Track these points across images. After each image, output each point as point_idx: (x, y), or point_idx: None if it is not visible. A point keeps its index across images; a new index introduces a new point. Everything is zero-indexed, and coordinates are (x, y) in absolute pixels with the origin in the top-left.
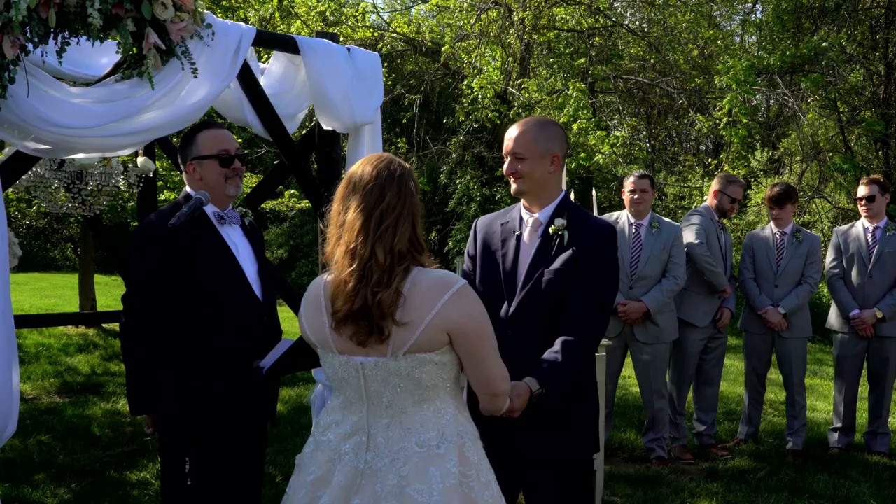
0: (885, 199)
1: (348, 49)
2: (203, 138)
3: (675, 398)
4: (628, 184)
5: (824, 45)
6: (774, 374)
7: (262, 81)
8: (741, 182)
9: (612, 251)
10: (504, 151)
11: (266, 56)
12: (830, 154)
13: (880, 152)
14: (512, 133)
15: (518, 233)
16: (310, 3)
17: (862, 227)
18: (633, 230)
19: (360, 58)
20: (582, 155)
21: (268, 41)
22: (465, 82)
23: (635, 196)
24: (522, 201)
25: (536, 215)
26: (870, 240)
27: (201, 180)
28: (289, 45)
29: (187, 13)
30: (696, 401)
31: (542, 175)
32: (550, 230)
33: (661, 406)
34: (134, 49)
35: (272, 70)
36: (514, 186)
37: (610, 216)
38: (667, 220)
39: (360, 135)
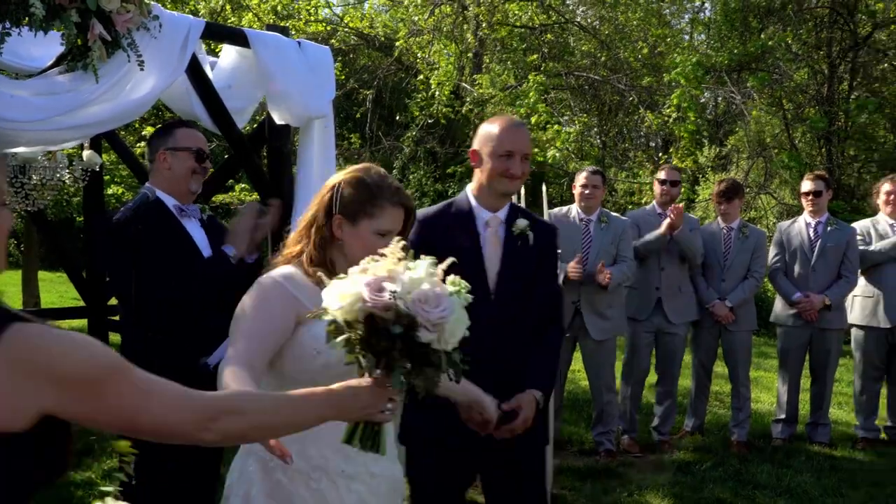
0: (829, 194)
1: (299, 43)
2: (182, 133)
3: (630, 392)
4: (580, 179)
5: (770, 43)
6: (719, 367)
7: (212, 74)
8: (669, 166)
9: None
10: (511, 149)
11: (219, 49)
12: (776, 151)
13: (823, 149)
14: (520, 132)
15: (478, 232)
16: None
17: (804, 222)
18: (583, 225)
19: (312, 52)
20: (535, 150)
21: (217, 34)
22: (421, 77)
23: (587, 191)
24: (472, 199)
25: (499, 214)
26: (812, 234)
27: (170, 170)
28: (239, 38)
29: (133, 4)
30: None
31: None
32: (515, 231)
33: (609, 399)
34: (78, 40)
35: (222, 63)
36: (511, 186)
37: (560, 210)
38: (615, 214)
39: (311, 129)
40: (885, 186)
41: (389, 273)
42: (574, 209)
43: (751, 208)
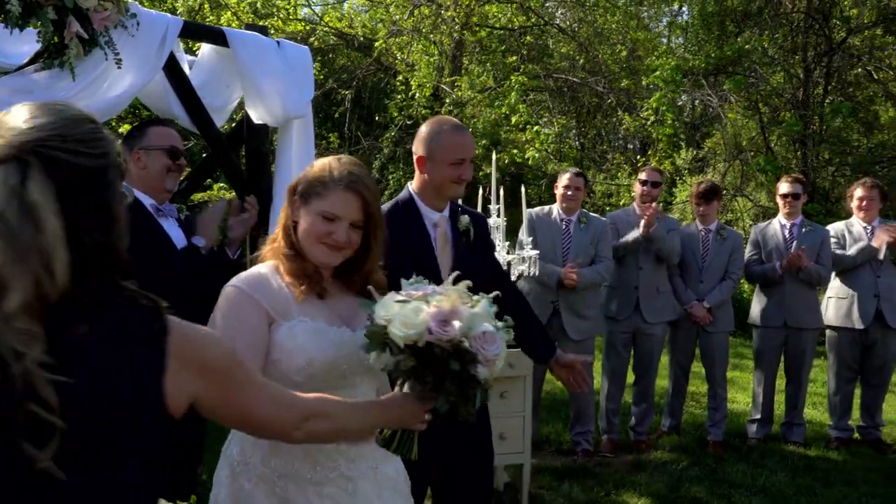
0: (805, 198)
1: (278, 42)
2: (155, 132)
3: (608, 393)
4: (563, 180)
5: (747, 47)
6: (696, 367)
7: (191, 73)
8: (650, 168)
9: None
10: (464, 156)
11: (197, 47)
12: (752, 154)
13: (799, 153)
14: (469, 139)
15: (428, 233)
16: None
17: (779, 223)
18: (564, 225)
19: (291, 51)
20: (514, 151)
21: (195, 32)
22: (400, 78)
23: (569, 193)
24: (418, 200)
25: (444, 214)
26: (787, 235)
27: (145, 169)
28: (217, 37)
29: (111, 2)
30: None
31: None
32: (461, 228)
33: (587, 399)
34: (55, 38)
35: (201, 62)
36: (461, 191)
37: (542, 210)
38: (594, 215)
39: (290, 129)
40: (858, 192)
41: (453, 307)
42: (555, 209)
43: (727, 210)
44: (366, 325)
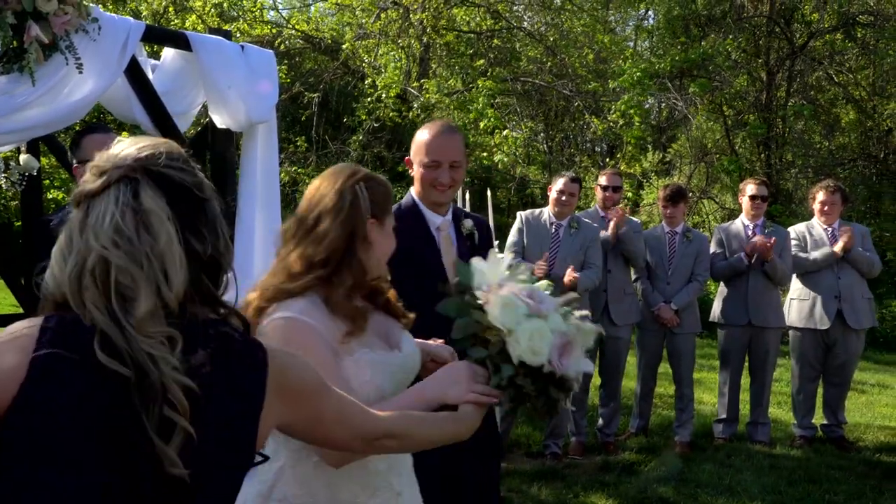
0: (768, 200)
1: (242, 46)
2: (88, 142)
3: (577, 395)
4: (558, 185)
5: (711, 51)
6: (664, 368)
7: (153, 77)
8: (611, 172)
9: None
10: (438, 159)
11: (161, 51)
12: (717, 156)
13: (762, 154)
14: (448, 140)
15: (432, 236)
16: None
17: (742, 224)
18: (553, 229)
19: (255, 55)
20: (483, 155)
21: (158, 37)
22: (368, 81)
23: (563, 198)
24: (420, 204)
25: (447, 217)
26: (750, 235)
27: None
28: (180, 41)
29: (71, 6)
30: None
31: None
32: (464, 232)
33: (565, 413)
34: (14, 42)
35: (164, 66)
36: (443, 196)
37: (532, 213)
38: (587, 221)
39: (254, 134)
40: (821, 195)
41: (572, 341)
42: (546, 212)
43: (694, 213)
44: (455, 303)
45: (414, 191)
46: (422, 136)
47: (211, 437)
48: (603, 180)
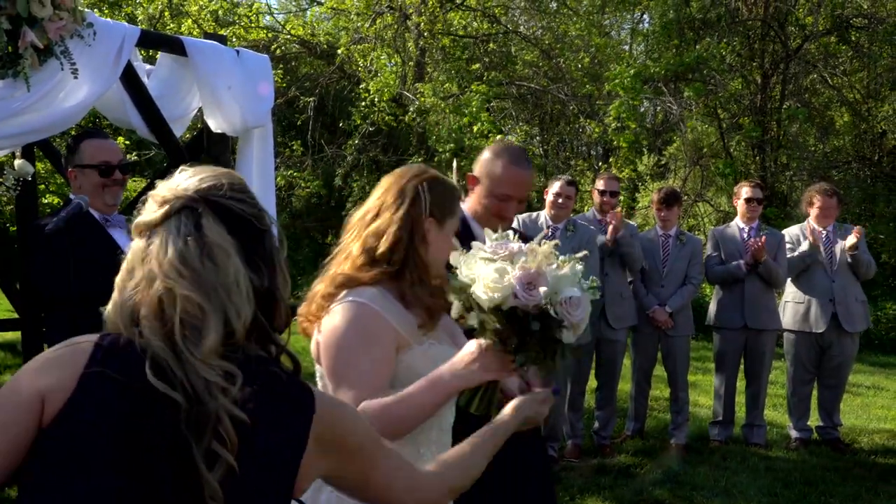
0: (763, 203)
1: (237, 51)
2: (86, 147)
3: (571, 398)
4: (555, 188)
5: (706, 54)
6: (659, 371)
7: (149, 82)
8: (608, 176)
9: None
10: (511, 194)
11: (157, 56)
12: (712, 160)
13: (757, 157)
14: (526, 176)
15: None
16: (201, 3)
17: (737, 227)
18: (549, 232)
19: (250, 60)
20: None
21: (153, 42)
22: (363, 86)
23: (559, 200)
24: (471, 221)
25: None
26: (746, 238)
27: (80, 188)
28: (175, 46)
29: (67, 11)
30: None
31: None
32: None
33: (560, 417)
34: (10, 48)
35: (159, 71)
36: (501, 227)
37: (529, 216)
38: (583, 223)
39: (250, 138)
40: (818, 200)
41: (538, 269)
42: (543, 215)
43: (689, 216)
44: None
45: (467, 205)
46: (498, 163)
47: (251, 474)
48: (600, 184)
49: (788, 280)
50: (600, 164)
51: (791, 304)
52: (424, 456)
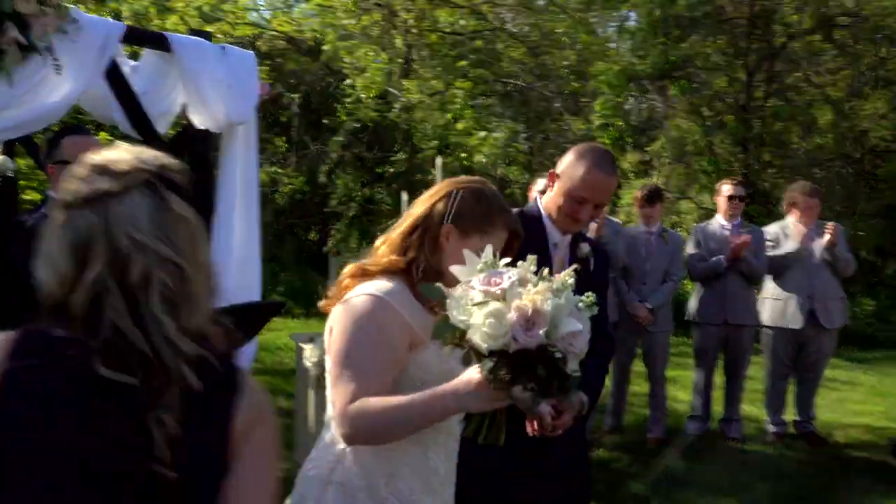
0: (745, 200)
1: (223, 47)
2: (67, 143)
3: None
4: (539, 185)
5: (692, 52)
6: (638, 366)
7: (133, 78)
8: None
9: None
10: (588, 197)
11: (141, 52)
12: (697, 158)
13: (741, 155)
14: (606, 181)
15: (549, 252)
16: None
17: (719, 224)
18: None
19: (235, 56)
20: (463, 155)
21: (138, 38)
22: (349, 82)
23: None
24: (545, 218)
25: (568, 239)
26: (728, 236)
27: (59, 183)
28: (160, 42)
29: (51, 7)
30: None
31: None
32: (579, 255)
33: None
34: None
35: (143, 67)
36: (573, 228)
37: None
38: None
39: (234, 135)
40: (801, 200)
41: (535, 307)
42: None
43: (672, 213)
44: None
45: (544, 202)
46: (581, 163)
47: (192, 445)
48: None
49: (768, 277)
50: None
51: (770, 300)
52: (431, 460)
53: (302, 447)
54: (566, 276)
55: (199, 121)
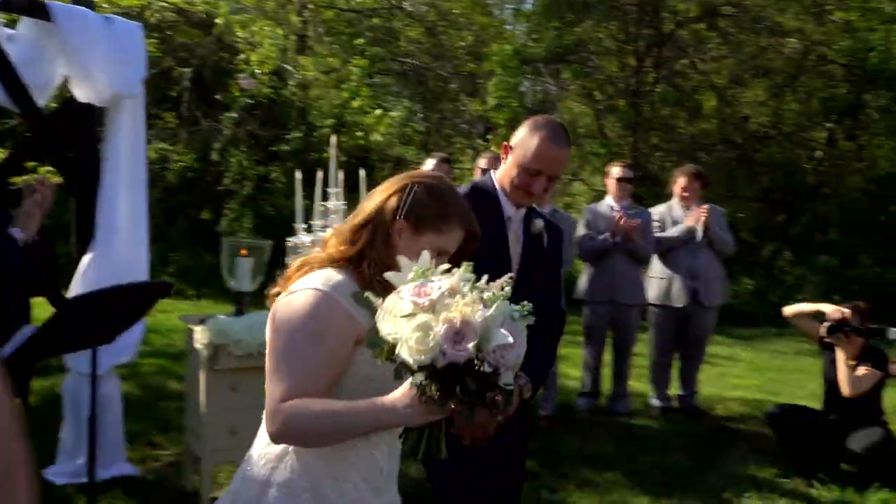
0: (634, 182)
1: (108, 18)
2: None
3: None
4: (429, 165)
5: (585, 36)
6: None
7: (10, 48)
8: (492, 155)
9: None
10: (541, 168)
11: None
12: (589, 140)
13: (630, 138)
14: (560, 154)
15: (503, 222)
16: None
17: (608, 205)
18: None
19: (121, 27)
20: (359, 134)
21: (16, 6)
22: (242, 57)
23: None
24: (499, 191)
25: (521, 213)
26: (617, 216)
27: None
28: (39, 11)
29: None
30: None
31: None
32: (533, 231)
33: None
34: None
35: (21, 36)
36: (525, 202)
37: None
38: None
39: (120, 109)
40: (682, 180)
41: (464, 318)
42: None
43: (565, 195)
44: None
45: (497, 175)
46: (534, 135)
47: None
48: (483, 163)
49: (654, 256)
50: (480, 141)
51: (655, 279)
52: (377, 459)
53: (193, 431)
54: (502, 284)
55: (81, 94)
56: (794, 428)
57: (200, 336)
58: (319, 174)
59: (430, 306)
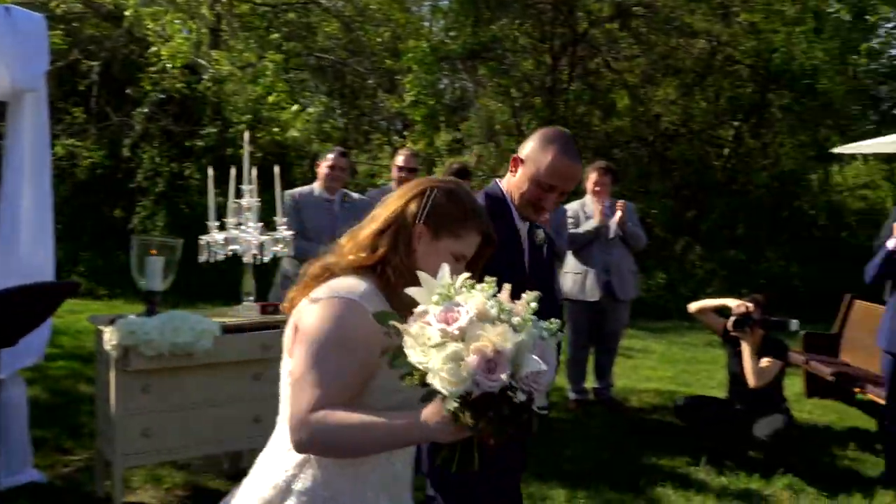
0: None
1: (7, 8)
2: None
3: None
4: (328, 160)
5: (500, 34)
6: None
7: None
8: (409, 153)
9: None
10: (556, 185)
11: None
12: (505, 137)
13: None
14: (575, 170)
15: (517, 230)
16: None
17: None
18: (328, 205)
19: (22, 18)
20: (275, 130)
21: None
22: (154, 50)
23: (334, 172)
24: (510, 202)
25: (526, 224)
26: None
27: None
28: None
29: None
30: None
31: None
32: (537, 241)
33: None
34: None
35: None
36: (535, 217)
37: (303, 190)
38: (355, 194)
39: (22, 103)
40: (593, 176)
41: (495, 347)
42: (316, 189)
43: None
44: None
45: (506, 185)
46: (547, 149)
47: None
48: (400, 161)
49: (568, 252)
50: (395, 138)
51: (570, 274)
52: (395, 465)
53: (103, 434)
54: (529, 301)
55: None
56: (703, 418)
57: (110, 337)
58: (233, 171)
59: (459, 335)
